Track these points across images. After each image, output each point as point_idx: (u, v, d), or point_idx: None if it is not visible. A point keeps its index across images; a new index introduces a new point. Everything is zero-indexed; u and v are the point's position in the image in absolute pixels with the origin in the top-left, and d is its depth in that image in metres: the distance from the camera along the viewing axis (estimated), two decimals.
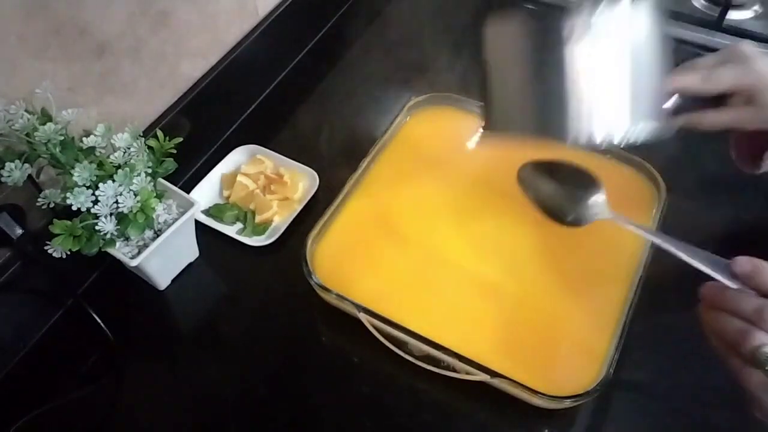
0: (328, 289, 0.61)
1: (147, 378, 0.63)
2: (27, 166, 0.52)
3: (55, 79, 0.58)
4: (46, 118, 0.54)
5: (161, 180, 0.62)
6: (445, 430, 0.58)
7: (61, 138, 0.53)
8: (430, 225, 0.68)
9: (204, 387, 0.62)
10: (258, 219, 0.72)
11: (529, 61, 0.50)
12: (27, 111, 0.52)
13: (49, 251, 0.55)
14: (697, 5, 0.95)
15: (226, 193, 0.75)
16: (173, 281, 0.68)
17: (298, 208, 0.72)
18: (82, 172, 0.53)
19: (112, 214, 0.55)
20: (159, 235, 0.61)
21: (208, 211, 0.73)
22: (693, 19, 0.91)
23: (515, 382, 0.54)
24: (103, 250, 0.58)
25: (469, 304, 0.62)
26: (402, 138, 0.76)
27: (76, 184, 0.53)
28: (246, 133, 0.82)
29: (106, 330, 0.62)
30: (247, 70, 0.83)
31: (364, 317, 0.59)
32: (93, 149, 0.56)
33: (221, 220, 0.72)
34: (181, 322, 0.68)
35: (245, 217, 0.72)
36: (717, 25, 0.90)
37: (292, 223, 0.71)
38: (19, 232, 0.57)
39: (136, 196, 0.56)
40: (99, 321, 0.62)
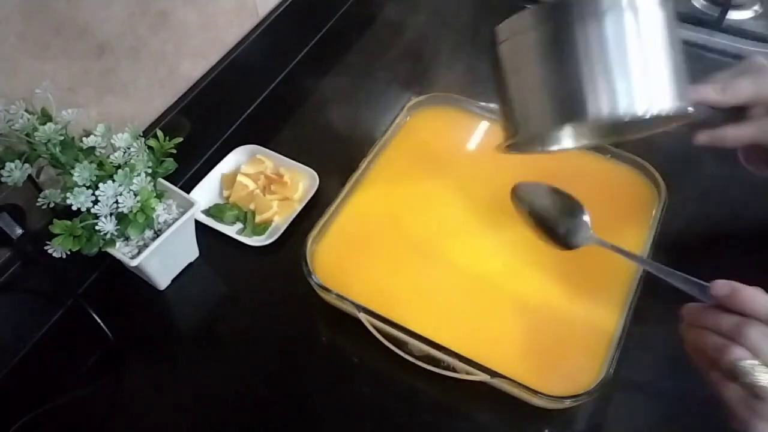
0: (328, 289, 0.61)
1: (147, 378, 0.63)
2: (27, 166, 0.52)
3: (55, 79, 0.58)
4: (46, 118, 0.54)
5: (161, 180, 0.62)
6: (445, 430, 0.58)
7: (61, 138, 0.53)
8: (430, 225, 0.68)
9: (204, 387, 0.62)
10: (258, 219, 0.72)
11: (547, 47, 0.49)
12: (27, 111, 0.52)
13: (49, 251, 0.55)
14: (697, 5, 0.95)
15: (226, 193, 0.75)
16: (173, 281, 0.68)
17: (298, 208, 0.72)
18: (82, 172, 0.53)
19: (112, 214, 0.55)
20: (159, 235, 0.61)
21: (208, 211, 0.73)
22: (693, 19, 0.91)
23: (515, 382, 0.54)
24: (103, 250, 0.58)
25: (469, 304, 0.62)
26: (402, 138, 0.76)
27: (76, 184, 0.53)
28: (246, 133, 0.82)
29: (106, 330, 0.62)
30: (247, 70, 0.83)
31: (364, 317, 0.59)
32: (93, 149, 0.56)
33: (221, 220, 0.72)
34: (181, 322, 0.68)
35: (245, 217, 0.72)
36: (717, 25, 0.90)
37: (292, 223, 0.71)
38: (19, 232, 0.57)
39: (136, 196, 0.56)
40: (99, 321, 0.62)
